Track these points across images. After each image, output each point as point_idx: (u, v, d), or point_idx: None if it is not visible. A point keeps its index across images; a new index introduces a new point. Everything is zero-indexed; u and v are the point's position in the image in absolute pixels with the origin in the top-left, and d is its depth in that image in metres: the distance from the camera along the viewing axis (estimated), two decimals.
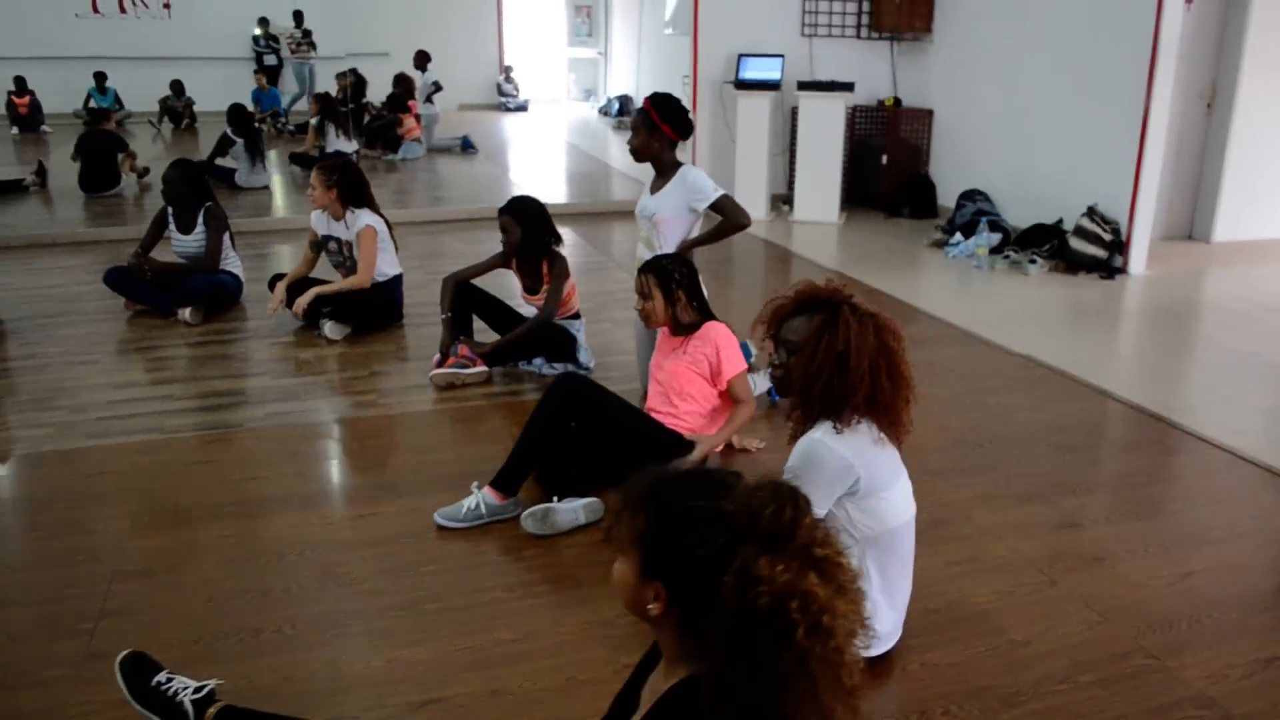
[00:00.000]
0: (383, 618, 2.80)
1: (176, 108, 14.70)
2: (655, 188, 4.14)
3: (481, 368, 4.60)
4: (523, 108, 16.65)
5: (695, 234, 4.08)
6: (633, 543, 1.35)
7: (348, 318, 5.31)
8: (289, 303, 5.31)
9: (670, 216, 4.02)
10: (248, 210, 8.82)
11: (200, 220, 5.74)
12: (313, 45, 15.33)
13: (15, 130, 13.77)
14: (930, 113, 8.26)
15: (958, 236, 7.03)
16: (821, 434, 2.32)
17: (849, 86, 7.89)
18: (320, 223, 5.45)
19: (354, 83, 12.80)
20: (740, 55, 8.14)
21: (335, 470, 3.81)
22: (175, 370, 4.87)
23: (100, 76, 14.39)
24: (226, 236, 5.85)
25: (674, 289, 3.54)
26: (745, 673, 1.15)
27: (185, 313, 5.57)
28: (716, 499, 1.27)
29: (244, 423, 4.23)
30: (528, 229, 4.60)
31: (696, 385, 3.50)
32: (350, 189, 5.30)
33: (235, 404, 4.43)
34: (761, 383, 4.18)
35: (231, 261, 5.90)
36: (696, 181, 3.96)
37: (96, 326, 5.57)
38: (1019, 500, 3.46)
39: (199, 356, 5.07)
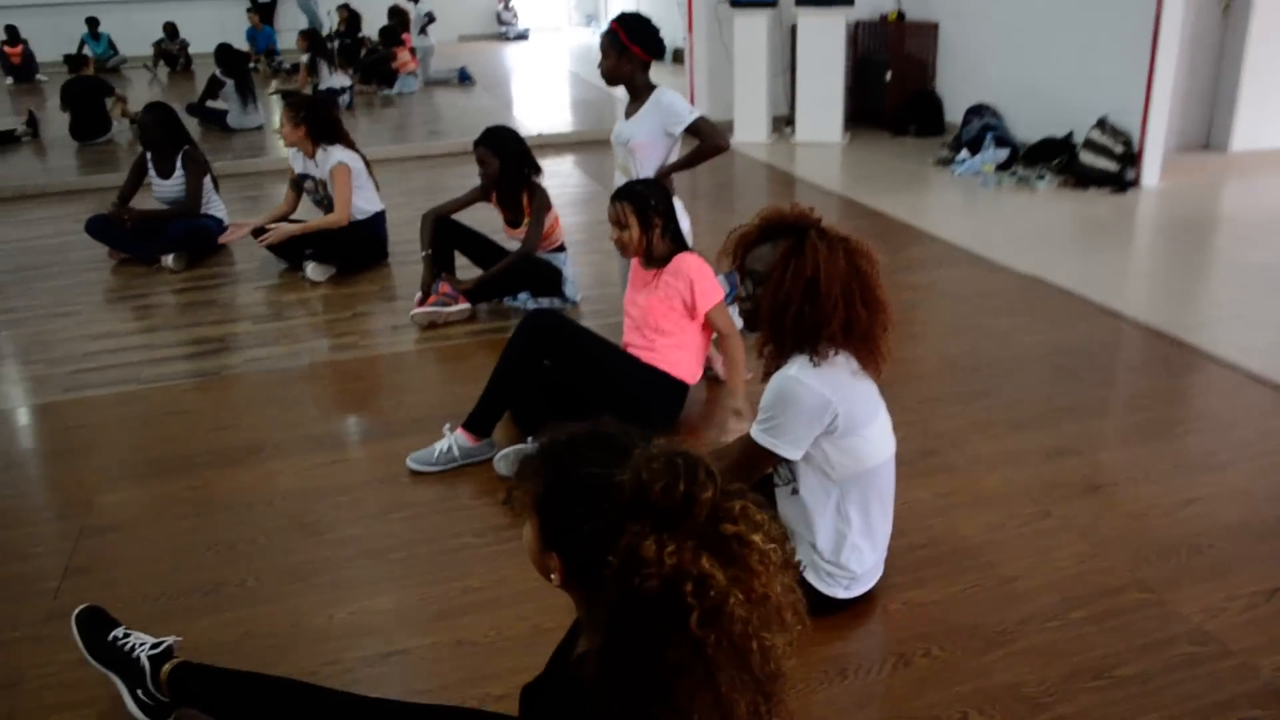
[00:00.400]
0: (348, 567, 2.71)
1: (171, 50, 14.45)
2: (629, 112, 3.95)
3: (464, 305, 4.47)
4: (523, 36, 16.27)
5: (673, 159, 3.89)
6: (531, 508, 1.22)
7: (330, 258, 5.18)
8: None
9: (645, 142, 3.83)
10: (240, 151, 8.67)
11: (179, 164, 5.60)
12: None
13: (10, 80, 13.58)
14: (935, 26, 7.94)
15: (964, 153, 6.79)
16: (796, 369, 2.18)
17: (849, 1, 7.58)
18: (297, 161, 5.30)
19: (348, 17, 12.51)
20: None
21: (310, 416, 3.71)
22: (156, 319, 4.78)
23: (93, 22, 14.15)
24: (208, 179, 5.70)
25: (651, 217, 3.36)
26: (630, 661, 1.02)
27: (168, 259, 5.46)
28: (611, 467, 1.13)
29: (222, 370, 4.13)
30: (505, 160, 4.44)
31: (671, 320, 3.34)
32: (319, 125, 5.13)
33: (215, 351, 4.33)
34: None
35: (214, 205, 5.77)
36: (671, 104, 3.76)
37: (80, 277, 5.47)
38: (1014, 427, 3.32)
39: (181, 304, 4.96)
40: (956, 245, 5.27)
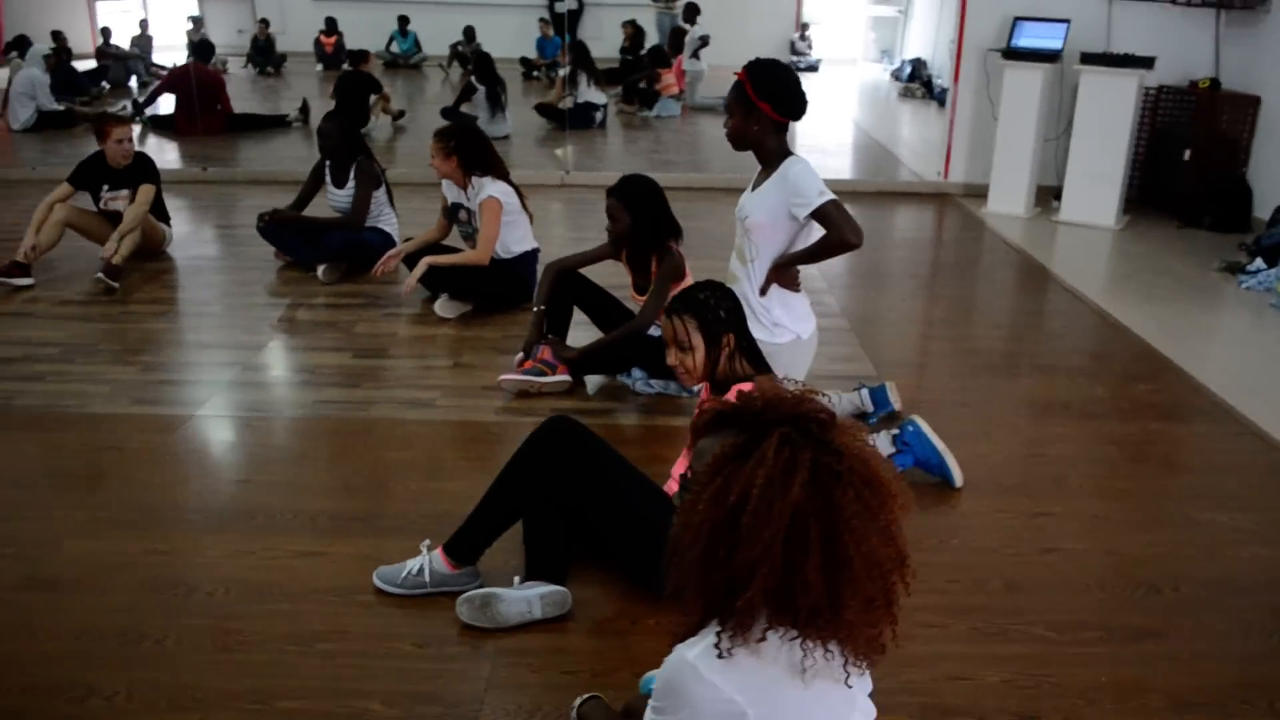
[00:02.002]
0: (226, 709, 2.21)
1: (465, 53, 14.95)
2: (756, 183, 3.23)
3: (562, 376, 3.90)
4: (813, 68, 15.54)
5: (798, 249, 3.13)
6: None
7: (466, 295, 4.80)
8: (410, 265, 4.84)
9: (765, 222, 3.10)
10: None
11: (351, 174, 5.42)
12: None
13: (320, 67, 14.55)
14: (1257, 100, 6.46)
15: (1259, 263, 5.40)
16: (697, 652, 1.40)
17: (1148, 62, 6.31)
18: (450, 188, 4.95)
19: (632, 33, 12.34)
20: (1016, 19, 6.75)
21: (324, 486, 3.26)
22: (260, 334, 4.56)
23: (403, 20, 14.90)
24: (381, 193, 5.50)
25: (720, 332, 2.61)
26: None
27: (320, 269, 5.30)
28: None
29: (282, 410, 3.81)
30: (637, 217, 3.84)
31: None
32: (471, 155, 4.74)
33: (289, 384, 4.03)
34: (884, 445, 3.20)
35: (385, 219, 5.56)
36: (799, 180, 3.00)
37: (240, 275, 5.42)
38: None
39: (298, 320, 4.75)
40: (1208, 390, 4.06)
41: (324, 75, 14.23)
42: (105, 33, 13.15)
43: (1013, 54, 6.69)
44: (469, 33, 14.80)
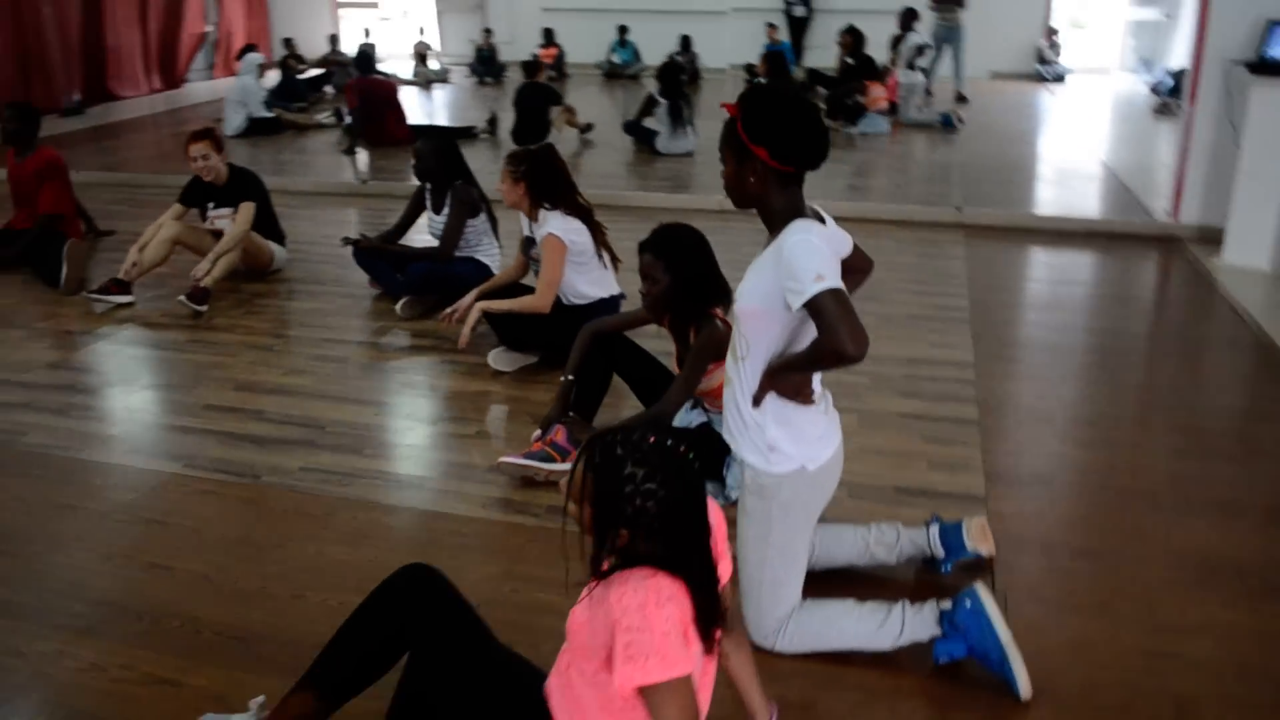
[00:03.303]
0: None
1: (678, 63, 14.45)
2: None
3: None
4: (1059, 77, 13.85)
5: (798, 348, 2.27)
6: None
7: (525, 346, 4.20)
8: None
9: (755, 308, 2.26)
10: (658, 180, 8.01)
11: (447, 200, 4.97)
12: (958, 2, 11.80)
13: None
14: None
15: None
16: None
17: None
18: (525, 220, 4.37)
19: (851, 42, 11.39)
20: (1271, 23, 5.37)
21: (236, 586, 2.75)
22: (297, 376, 4.16)
23: (622, 30, 14.61)
24: (479, 221, 5.01)
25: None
26: None
27: (399, 304, 4.88)
28: None
29: (263, 473, 3.35)
30: (676, 277, 3.12)
31: (590, 663, 1.81)
32: (541, 183, 4.14)
33: (287, 442, 3.57)
34: None
35: (483, 249, 5.07)
36: (794, 256, 2.12)
37: (326, 304, 5.10)
38: None
39: (348, 362, 4.31)
40: None
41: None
42: (332, 40, 13.66)
43: (1264, 66, 5.32)
44: (684, 42, 14.32)
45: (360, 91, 9.52)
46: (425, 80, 14.38)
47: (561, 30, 14.77)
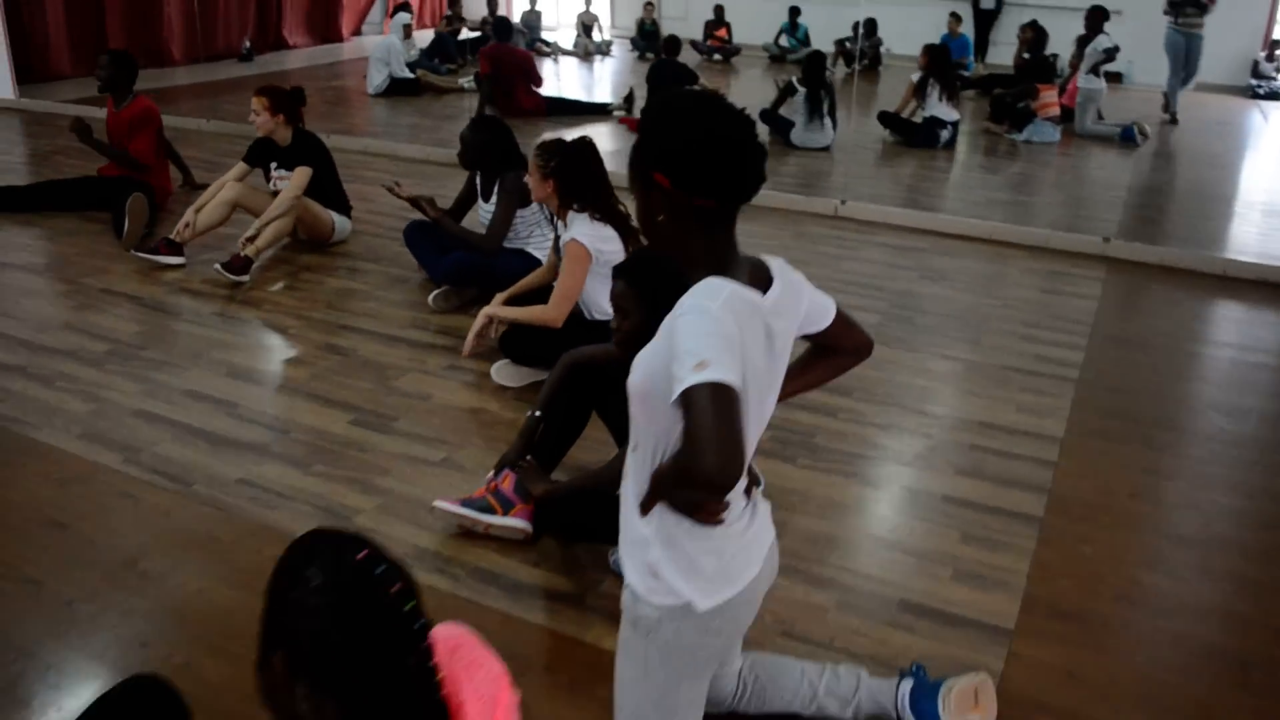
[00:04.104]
0: None
1: (851, 49, 13.58)
2: None
3: (518, 521, 2.72)
4: (1274, 95, 12.19)
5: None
6: None
7: (536, 361, 3.72)
8: None
9: (643, 387, 1.68)
10: (786, 175, 7.38)
11: (495, 189, 4.54)
12: (1200, 6, 10.01)
13: (699, 59, 13.90)
14: None
15: None
16: None
17: None
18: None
19: (1032, 37, 10.32)
20: None
21: (76, 616, 2.41)
22: (299, 366, 3.82)
23: (794, 12, 13.84)
24: (533, 211, 4.56)
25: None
26: None
27: (432, 295, 4.50)
28: None
29: (197, 480, 3.02)
30: (654, 315, 2.54)
31: None
32: (572, 181, 3.63)
33: (244, 446, 3.23)
34: None
35: (536, 243, 4.62)
36: (679, 330, 1.53)
37: (369, 283, 4.79)
38: None
39: (351, 358, 3.95)
40: None
41: (702, 66, 13.57)
42: (491, 4, 13.48)
43: None
44: (869, 25, 13.42)
45: (493, 58, 9.24)
46: (585, 52, 14.06)
47: (736, 9, 14.12)
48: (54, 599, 2.49)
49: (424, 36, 12.23)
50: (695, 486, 1.46)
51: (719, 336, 1.47)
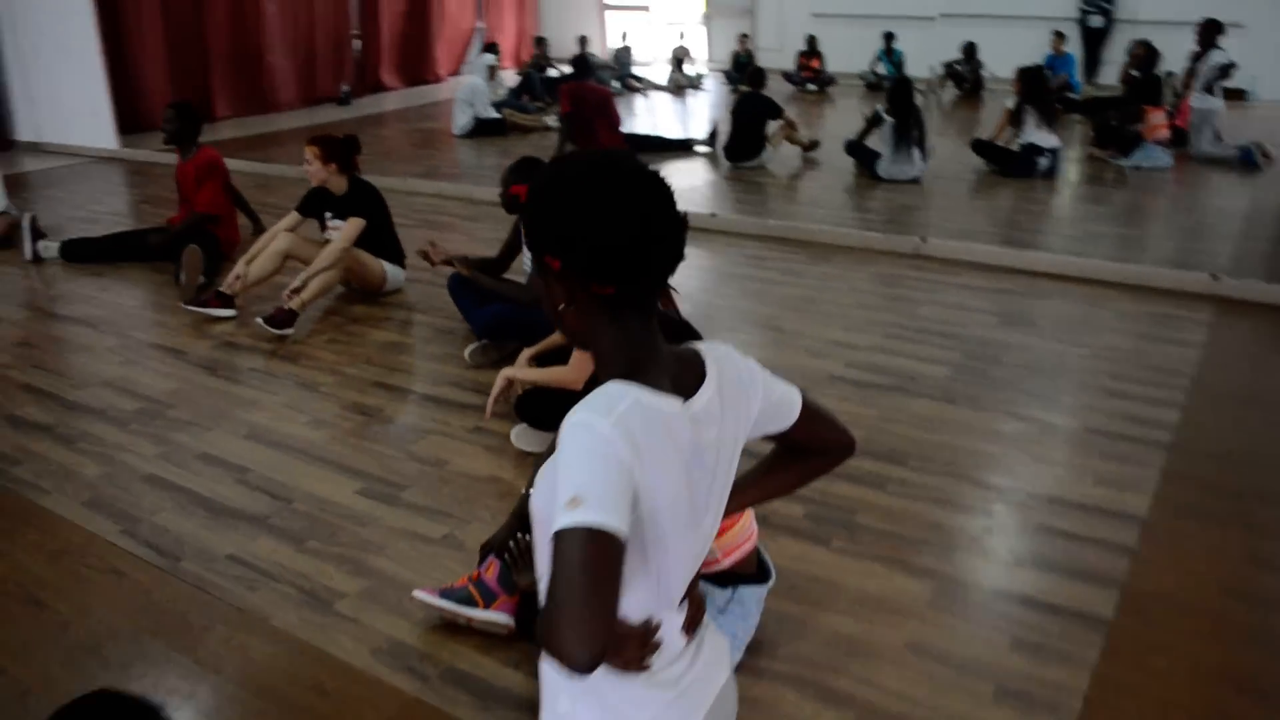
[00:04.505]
0: None
1: (963, 73, 13.08)
2: None
3: (500, 615, 2.47)
4: None
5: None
6: None
7: (551, 425, 3.45)
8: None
9: (540, 511, 1.40)
10: (869, 211, 7.04)
11: None
12: None
13: (795, 88, 13.59)
14: None
15: None
16: None
17: None
18: None
19: (1144, 54, 9.69)
20: None
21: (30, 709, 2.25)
22: (321, 428, 3.66)
23: (888, 37, 13.42)
24: None
25: None
26: None
27: (469, 350, 4.31)
28: None
29: (186, 557, 2.87)
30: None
31: None
32: None
33: (238, 519, 3.07)
34: None
35: None
36: (560, 454, 1.24)
37: (410, 336, 4.64)
38: None
39: (378, 417, 3.78)
40: None
41: (795, 97, 13.25)
42: (581, 41, 13.45)
43: None
44: (968, 49, 12.93)
45: (574, 96, 9.11)
46: (677, 86, 13.90)
47: (829, 38, 13.78)
48: (12, 688, 2.35)
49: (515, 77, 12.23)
50: (549, 653, 1.17)
51: (602, 464, 1.20)
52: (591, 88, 9.28)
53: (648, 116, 12.03)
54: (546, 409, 3.38)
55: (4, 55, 10.37)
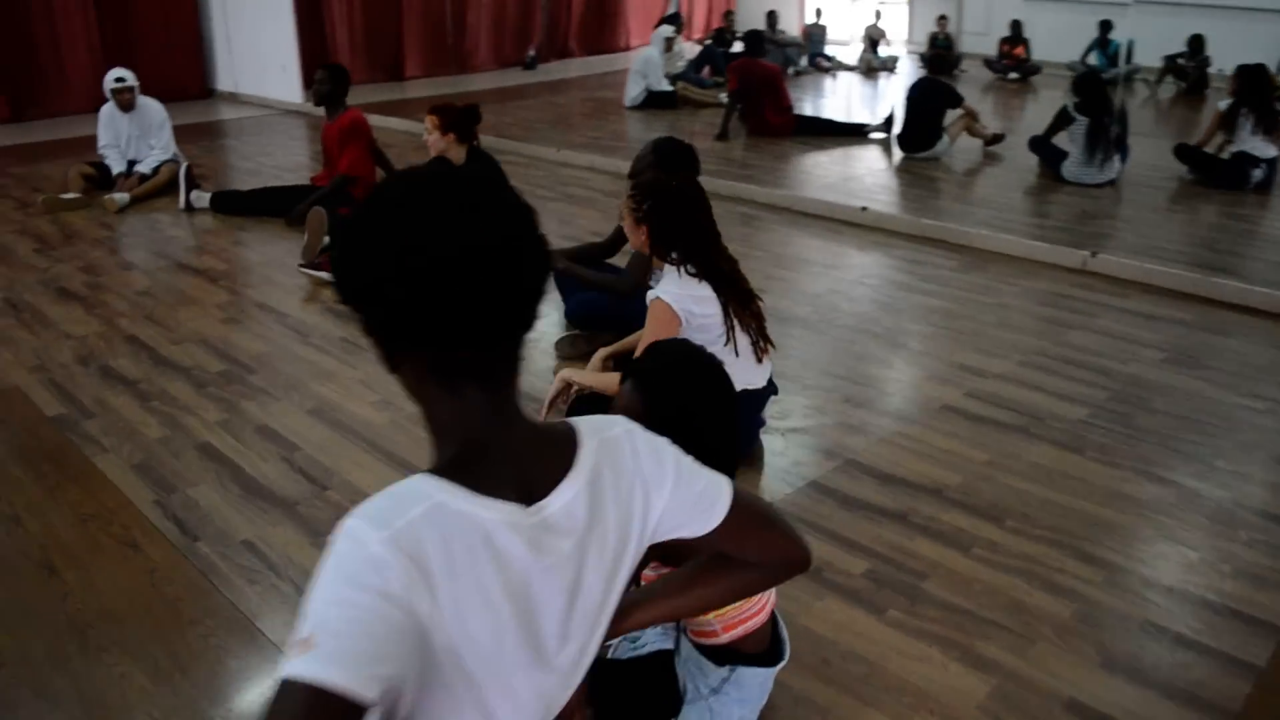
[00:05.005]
0: None
1: (1187, 68, 11.83)
2: None
3: None
4: None
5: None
6: None
7: None
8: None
9: None
10: (1044, 215, 6.40)
11: None
12: None
13: (994, 76, 12.66)
14: None
15: None
16: None
17: None
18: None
19: None
20: None
21: None
22: (366, 412, 3.52)
23: (1105, 26, 12.27)
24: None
25: None
26: None
27: (558, 340, 4.09)
28: None
29: (199, 534, 2.78)
30: (653, 428, 2.00)
31: None
32: (667, 229, 3.06)
33: (270, 501, 2.96)
34: None
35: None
36: (327, 559, 0.94)
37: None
38: None
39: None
40: None
41: (994, 85, 12.36)
42: (770, 16, 12.97)
43: None
44: (1195, 43, 11.69)
45: (742, 73, 8.74)
46: (868, 68, 13.23)
47: (1039, 24, 12.77)
48: None
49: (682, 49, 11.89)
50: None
51: (354, 596, 0.91)
52: (760, 65, 8.86)
53: (828, 99, 11.48)
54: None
55: (211, 7, 10.90)
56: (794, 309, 4.55)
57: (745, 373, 3.05)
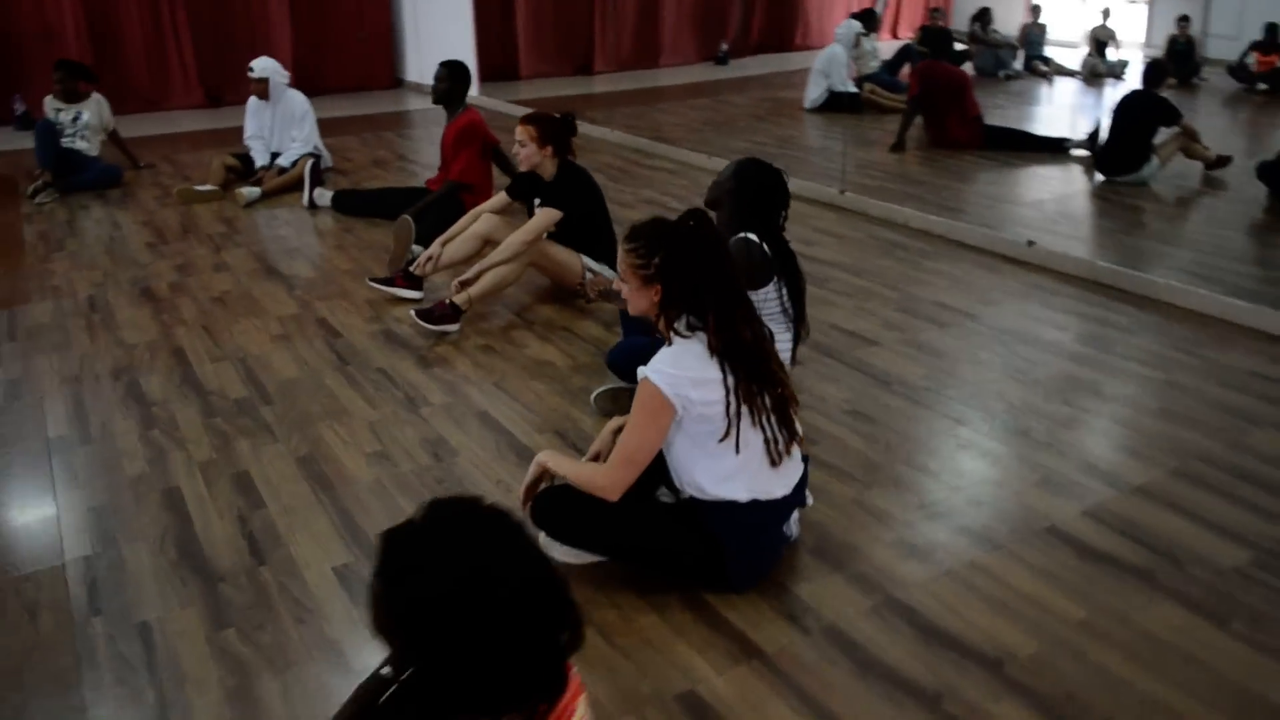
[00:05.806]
0: None
1: None
2: None
3: None
4: None
5: None
6: None
7: (575, 540, 2.60)
8: None
9: None
10: (1261, 261, 5.34)
11: None
12: None
13: (1240, 86, 11.02)
14: None
15: None
16: None
17: None
18: None
19: None
20: None
21: None
22: (350, 469, 3.11)
23: None
24: (769, 292, 3.42)
25: None
26: None
27: (596, 393, 3.56)
28: None
29: (99, 609, 2.44)
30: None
31: None
32: (685, 289, 2.45)
33: (198, 573, 2.59)
34: None
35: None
36: None
37: (568, 352, 3.97)
38: None
39: (422, 469, 3.14)
40: None
41: (1239, 97, 10.76)
42: (982, 15, 11.81)
43: None
44: None
45: (924, 78, 7.86)
46: (1092, 73, 11.84)
47: None
48: None
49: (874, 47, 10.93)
50: None
51: None
52: (945, 69, 7.95)
53: (1040, 107, 10.30)
54: (567, 518, 2.52)
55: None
56: (897, 369, 3.81)
57: (755, 479, 2.42)
